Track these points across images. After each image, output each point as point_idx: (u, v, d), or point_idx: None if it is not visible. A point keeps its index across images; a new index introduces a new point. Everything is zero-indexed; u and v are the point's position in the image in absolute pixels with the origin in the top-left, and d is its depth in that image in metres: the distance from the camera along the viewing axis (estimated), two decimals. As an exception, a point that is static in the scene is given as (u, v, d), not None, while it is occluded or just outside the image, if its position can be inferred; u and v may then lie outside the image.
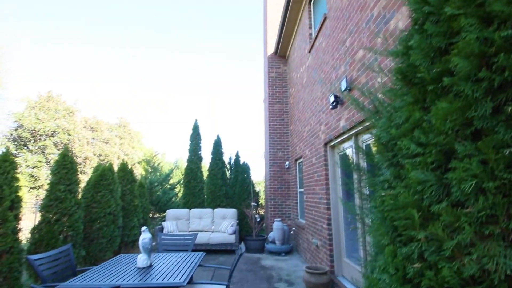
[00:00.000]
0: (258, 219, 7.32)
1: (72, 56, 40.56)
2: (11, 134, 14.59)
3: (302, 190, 6.65)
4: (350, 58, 3.69)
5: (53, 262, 3.16)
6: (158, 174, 11.21)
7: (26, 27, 32.98)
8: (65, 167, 4.85)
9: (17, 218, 3.82)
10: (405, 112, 0.99)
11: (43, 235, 4.39)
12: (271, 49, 8.58)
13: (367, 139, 3.46)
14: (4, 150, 4.02)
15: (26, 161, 14.13)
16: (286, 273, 5.32)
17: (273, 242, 6.81)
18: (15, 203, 3.85)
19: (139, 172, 12.89)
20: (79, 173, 5.28)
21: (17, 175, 4.00)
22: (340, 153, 4.46)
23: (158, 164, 11.65)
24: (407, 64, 1.08)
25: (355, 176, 3.44)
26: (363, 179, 1.70)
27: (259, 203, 9.11)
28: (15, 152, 14.07)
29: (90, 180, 5.91)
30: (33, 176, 14.36)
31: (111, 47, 45.14)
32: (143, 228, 3.25)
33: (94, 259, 5.31)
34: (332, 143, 4.53)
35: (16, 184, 3.91)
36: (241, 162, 9.10)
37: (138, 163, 12.77)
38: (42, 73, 35.50)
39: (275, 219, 6.90)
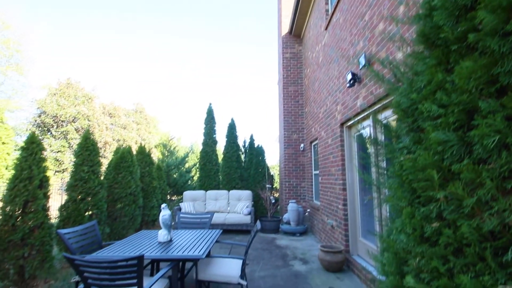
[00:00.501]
0: (273, 201, 7.43)
1: (86, 43, 41.19)
2: (35, 120, 15.30)
3: (317, 172, 6.64)
4: (369, 33, 3.55)
5: (81, 236, 3.38)
6: (174, 157, 11.51)
7: (41, 13, 33.56)
8: (88, 149, 5.06)
9: (46, 196, 4.07)
10: (427, 75, 0.96)
11: (70, 213, 4.67)
12: (285, 28, 8.34)
13: (385, 117, 3.38)
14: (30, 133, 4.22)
15: (50, 146, 14.85)
16: (301, 252, 5.43)
17: (288, 223, 6.92)
18: (44, 182, 4.09)
19: (156, 156, 13.27)
20: (100, 156, 5.51)
21: (44, 156, 4.21)
22: (357, 134, 4.39)
23: (174, 148, 11.94)
24: (430, 26, 1.04)
25: (372, 151, 3.39)
26: (381, 152, 1.68)
27: (274, 186, 9.21)
28: (40, 137, 14.82)
29: (111, 162, 6.16)
30: (57, 160, 15.12)
31: (124, 33, 45.42)
32: (163, 205, 3.39)
33: (117, 236, 5.62)
34: (349, 123, 4.46)
35: (43, 165, 4.13)
36: (256, 145, 9.15)
37: (155, 147, 13.13)
38: (59, 60, 36.42)
39: (290, 201, 6.97)
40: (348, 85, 3.99)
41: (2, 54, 14.59)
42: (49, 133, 15.39)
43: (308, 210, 7.32)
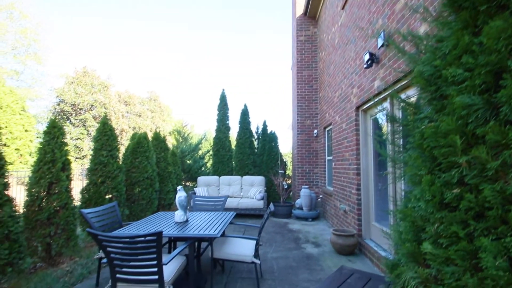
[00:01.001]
0: (286, 186, 7.47)
1: (100, 31, 41.58)
2: (55, 109, 15.85)
3: (330, 158, 6.59)
4: (389, 10, 3.41)
5: (102, 216, 3.55)
6: (188, 144, 11.70)
7: (55, 1, 33.90)
8: (106, 134, 5.21)
9: (68, 178, 4.25)
10: (452, 40, 0.92)
11: (92, 195, 4.88)
12: (300, 9, 8.08)
13: (406, 96, 3.28)
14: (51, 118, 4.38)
15: (70, 134, 15.40)
16: (313, 236, 5.48)
17: (300, 208, 6.96)
18: (66, 165, 4.26)
19: (171, 143, 13.54)
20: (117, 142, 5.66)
21: (65, 140, 4.38)
22: (373, 117, 4.30)
23: (188, 134, 12.11)
24: (457, -12, 0.99)
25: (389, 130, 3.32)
26: (398, 130, 1.64)
27: (286, 173, 9.22)
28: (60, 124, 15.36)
29: (128, 148, 6.34)
30: (77, 147, 15.70)
31: (136, 20, 45.49)
32: (179, 187, 3.48)
33: (136, 218, 5.85)
34: (365, 107, 4.36)
35: (65, 148, 4.29)
36: (269, 131, 9.14)
37: (170, 133, 13.38)
38: (74, 48, 37.06)
39: (302, 187, 6.99)
40: (365, 66, 3.88)
41: (20, 44, 15.05)
42: (68, 121, 15.94)
43: (321, 196, 7.32)
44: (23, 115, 12.24)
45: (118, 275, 2.41)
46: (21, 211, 3.89)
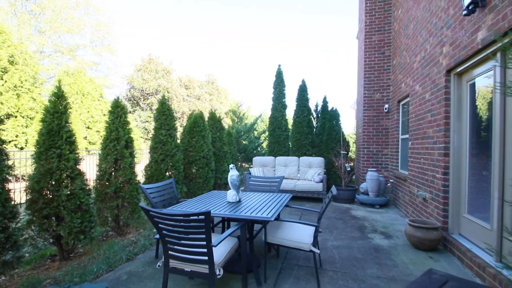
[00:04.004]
0: (348, 169, 6.74)
1: (161, 17, 43.72)
2: (127, 95, 17.59)
3: (405, 136, 5.61)
4: None
5: (160, 192, 3.60)
6: (243, 123, 11.64)
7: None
8: (164, 113, 5.31)
9: (131, 155, 4.44)
10: None
11: (153, 172, 5.09)
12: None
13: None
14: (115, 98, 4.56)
15: (140, 117, 16.98)
16: (382, 225, 4.79)
17: (366, 193, 6.22)
18: (129, 143, 4.45)
19: (227, 123, 13.76)
20: (179, 125, 5.76)
21: (128, 119, 4.55)
22: (470, 82, 3.32)
23: (243, 115, 12.04)
24: None
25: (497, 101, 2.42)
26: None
27: (349, 154, 8.38)
28: (132, 109, 17.10)
29: (185, 127, 6.46)
30: (146, 129, 17.27)
31: (194, 3, 46.76)
32: (231, 165, 3.27)
33: (193, 195, 5.99)
34: (459, 69, 3.39)
35: (127, 127, 4.46)
36: (329, 109, 8.36)
37: (226, 113, 13.59)
38: (138, 34, 39.79)
39: (369, 169, 6.19)
40: (464, 12, 2.93)
41: (96, 37, 16.94)
42: (138, 106, 17.56)
43: (391, 180, 6.41)
44: (101, 101, 13.85)
45: (170, 252, 2.33)
46: (94, 184, 4.24)
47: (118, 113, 4.38)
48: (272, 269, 3.09)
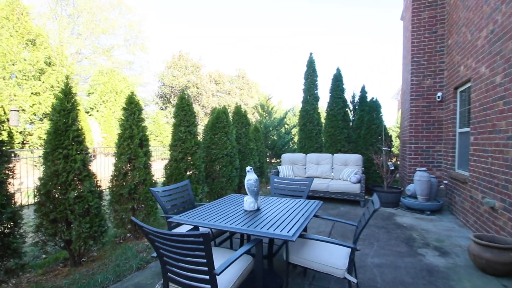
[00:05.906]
0: (392, 168, 5.84)
1: (190, 13, 44.11)
2: (158, 92, 18.00)
3: (465, 129, 4.61)
4: None
5: (173, 195, 3.23)
6: (272, 118, 11.04)
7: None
8: (183, 109, 4.97)
9: (146, 155, 4.15)
10: None
11: (173, 171, 4.79)
12: None
13: None
14: (129, 93, 4.31)
15: (171, 113, 17.25)
16: (435, 237, 3.95)
17: (413, 196, 5.32)
18: (143, 141, 4.16)
19: (254, 118, 13.28)
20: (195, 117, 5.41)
21: (142, 116, 4.26)
22: None
23: (272, 108, 11.42)
24: None
25: None
26: None
27: (391, 150, 7.42)
28: (163, 106, 17.43)
29: (208, 123, 6.10)
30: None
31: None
32: (248, 168, 2.77)
33: (216, 195, 5.62)
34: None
35: (142, 125, 4.17)
36: (369, 99, 7.41)
37: (253, 107, 13.10)
38: (168, 31, 40.45)
39: (417, 169, 5.26)
40: None
41: (129, 36, 17.56)
42: (169, 103, 17.88)
43: (445, 181, 5.40)
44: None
45: (169, 274, 1.92)
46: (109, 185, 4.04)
47: (132, 109, 4.12)
48: (297, 292, 2.54)
